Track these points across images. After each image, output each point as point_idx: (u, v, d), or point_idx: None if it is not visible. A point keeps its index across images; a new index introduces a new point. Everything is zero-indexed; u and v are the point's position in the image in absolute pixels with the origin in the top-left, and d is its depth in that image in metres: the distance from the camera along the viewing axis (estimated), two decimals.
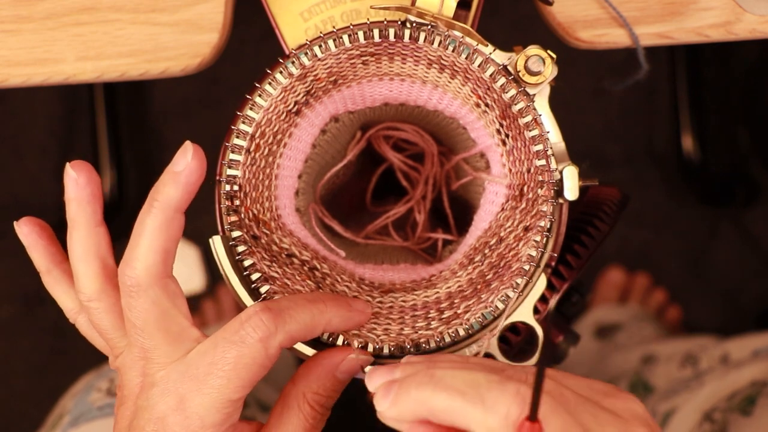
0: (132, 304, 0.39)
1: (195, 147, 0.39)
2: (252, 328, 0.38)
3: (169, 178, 0.39)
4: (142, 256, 0.39)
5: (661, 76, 1.14)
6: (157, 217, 0.39)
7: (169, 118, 1.20)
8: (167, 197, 0.39)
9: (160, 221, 0.39)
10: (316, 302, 0.41)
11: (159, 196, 0.39)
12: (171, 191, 0.39)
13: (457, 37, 0.44)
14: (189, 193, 0.40)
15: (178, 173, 0.39)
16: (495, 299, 0.44)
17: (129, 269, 0.39)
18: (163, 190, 0.39)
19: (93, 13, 0.50)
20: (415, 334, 0.45)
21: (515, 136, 0.45)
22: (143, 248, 0.39)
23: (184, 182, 0.39)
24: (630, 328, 1.07)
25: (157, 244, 0.39)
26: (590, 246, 0.47)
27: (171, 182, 0.39)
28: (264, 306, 0.39)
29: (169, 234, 0.40)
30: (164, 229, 0.39)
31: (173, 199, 0.39)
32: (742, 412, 0.70)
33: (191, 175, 0.39)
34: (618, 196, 0.51)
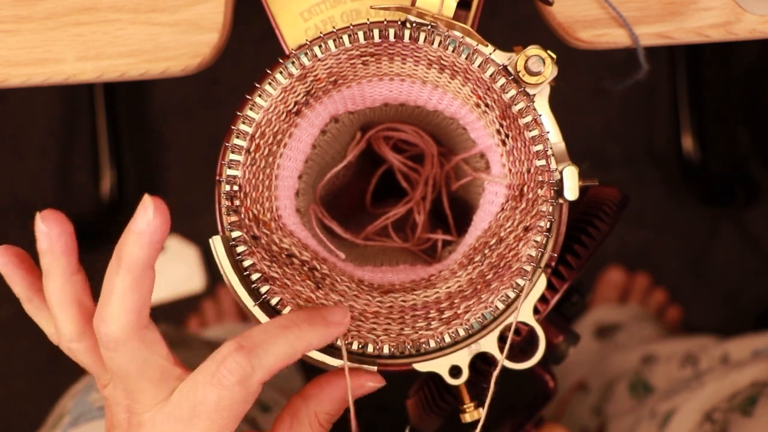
0: (110, 357, 0.39)
1: (156, 202, 0.37)
2: (228, 371, 0.38)
3: (132, 239, 0.37)
4: (116, 316, 0.38)
5: (661, 76, 1.14)
6: (126, 278, 0.38)
7: (169, 118, 1.20)
8: (133, 258, 0.38)
9: (130, 282, 0.38)
10: (291, 328, 0.40)
11: (125, 257, 0.38)
12: (136, 251, 0.37)
13: (457, 38, 0.44)
14: (156, 251, 0.38)
15: (141, 233, 0.37)
16: (495, 299, 0.44)
17: (103, 326, 0.38)
18: (128, 250, 0.38)
19: (93, 13, 0.50)
20: (415, 334, 0.45)
21: (515, 137, 0.45)
22: (116, 308, 0.38)
23: (148, 242, 0.38)
24: (630, 328, 1.07)
25: (129, 304, 0.38)
26: (590, 246, 0.47)
27: (135, 243, 0.37)
28: (237, 345, 0.38)
29: (141, 291, 0.38)
30: (135, 288, 0.38)
31: (139, 259, 0.38)
32: (743, 412, 0.70)
33: (155, 234, 0.37)
34: (618, 196, 0.51)
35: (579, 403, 0.97)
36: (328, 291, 0.46)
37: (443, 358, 0.45)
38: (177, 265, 1.18)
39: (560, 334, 0.51)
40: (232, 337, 0.40)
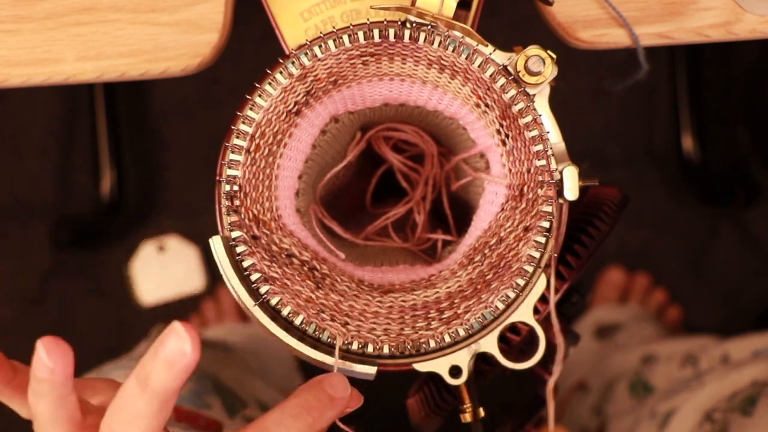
0: None
1: (190, 333, 0.35)
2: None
3: (165, 367, 0.35)
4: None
5: (661, 76, 1.14)
6: (153, 404, 0.36)
7: (169, 118, 1.20)
8: (164, 386, 0.36)
9: (156, 408, 0.36)
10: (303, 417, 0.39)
11: (154, 384, 0.36)
12: (169, 381, 0.35)
13: (457, 38, 0.44)
14: (185, 379, 0.36)
15: (174, 363, 0.35)
16: (495, 299, 0.44)
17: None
18: (160, 378, 0.35)
19: (93, 13, 0.50)
20: (415, 334, 0.45)
21: (515, 137, 0.45)
22: (136, 430, 0.37)
23: (183, 372, 0.35)
24: (630, 328, 1.07)
25: (152, 427, 0.37)
26: (590, 246, 0.47)
27: (168, 371, 0.35)
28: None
29: (164, 415, 0.37)
30: (160, 412, 0.37)
31: (171, 388, 0.36)
32: (743, 412, 0.70)
33: (190, 366, 0.35)
34: (618, 196, 0.51)
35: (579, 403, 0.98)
36: (328, 291, 0.46)
37: (443, 358, 0.45)
38: (177, 265, 1.18)
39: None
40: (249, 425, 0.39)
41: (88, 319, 1.17)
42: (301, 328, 0.44)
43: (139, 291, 1.19)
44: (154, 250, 1.18)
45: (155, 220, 1.19)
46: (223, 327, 1.12)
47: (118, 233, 1.19)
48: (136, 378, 0.36)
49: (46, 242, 1.17)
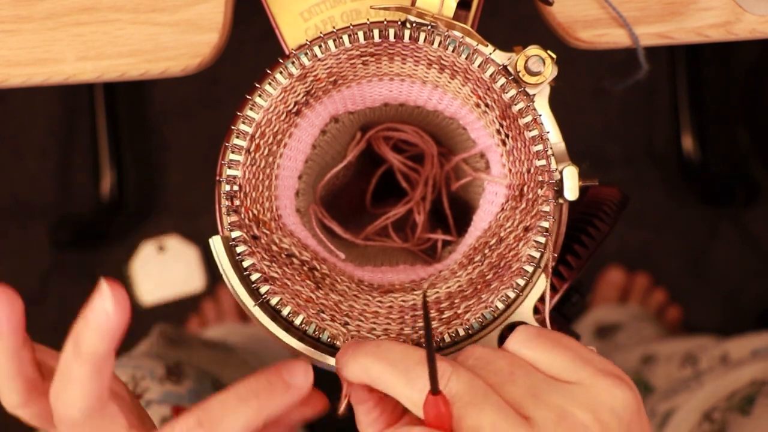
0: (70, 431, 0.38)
1: (114, 291, 0.35)
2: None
3: (91, 329, 0.36)
4: (75, 401, 0.37)
5: (661, 76, 1.14)
6: (85, 367, 0.36)
7: (169, 118, 1.20)
8: (93, 349, 0.36)
9: (89, 371, 0.36)
10: (249, 400, 0.39)
11: (84, 347, 0.36)
12: (96, 343, 0.36)
13: (457, 38, 0.44)
14: (116, 339, 0.36)
15: (100, 324, 0.35)
16: (495, 299, 0.44)
17: (62, 407, 0.37)
18: (88, 341, 0.36)
19: (93, 13, 0.50)
20: (415, 334, 0.45)
21: (515, 137, 0.45)
22: (75, 394, 0.37)
23: (108, 332, 0.36)
24: (630, 328, 1.07)
25: (88, 392, 0.37)
26: (590, 246, 0.47)
27: (95, 334, 0.36)
28: (197, 422, 0.37)
29: (101, 378, 0.37)
30: (94, 376, 0.37)
31: (100, 350, 0.36)
32: (742, 411, 0.70)
33: (114, 326, 0.35)
34: (618, 196, 0.51)
35: None
36: (328, 291, 0.46)
37: None
38: (177, 265, 1.18)
39: None
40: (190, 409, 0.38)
41: None
42: (301, 328, 0.44)
43: (139, 291, 1.19)
44: (154, 250, 1.18)
45: (155, 220, 1.19)
46: (223, 327, 1.12)
47: (118, 233, 1.19)
48: (72, 342, 0.36)
49: (46, 242, 1.18)
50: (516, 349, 0.38)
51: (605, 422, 0.35)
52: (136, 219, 1.19)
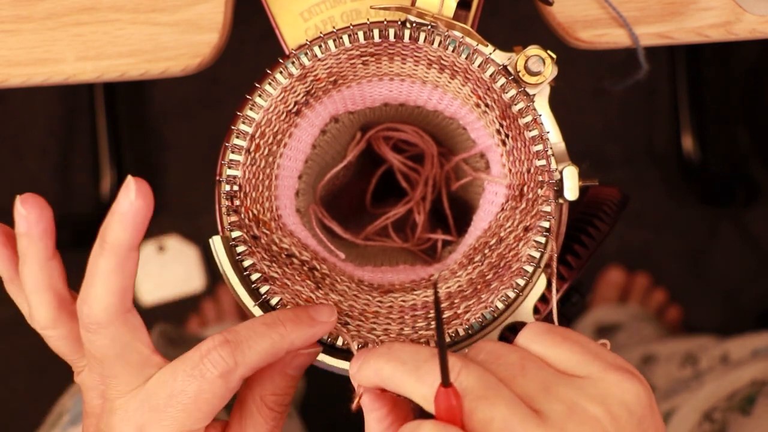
0: (91, 339, 0.39)
1: (138, 183, 0.37)
2: (212, 364, 0.38)
3: (116, 219, 0.37)
4: (100, 297, 0.38)
5: (661, 76, 1.14)
6: (110, 259, 0.38)
7: (169, 118, 1.20)
8: (117, 239, 0.37)
9: (114, 264, 0.38)
10: (276, 326, 0.40)
11: (108, 239, 0.38)
12: (120, 233, 0.37)
13: (457, 38, 0.44)
14: (139, 232, 0.38)
15: (124, 214, 0.37)
16: (495, 299, 0.44)
17: (86, 308, 0.38)
18: (112, 233, 0.38)
19: (93, 13, 0.50)
20: (415, 334, 0.45)
21: (515, 137, 0.45)
22: (99, 289, 0.38)
23: (132, 223, 0.37)
24: (630, 328, 1.07)
25: (113, 286, 0.38)
26: (590, 246, 0.47)
27: (118, 224, 0.37)
28: (223, 339, 0.39)
29: (125, 273, 0.38)
30: (119, 270, 0.38)
31: (124, 241, 0.38)
32: (742, 411, 0.70)
33: (137, 215, 0.37)
34: (618, 196, 0.51)
35: None
36: (328, 291, 0.46)
37: None
38: (177, 265, 1.18)
39: None
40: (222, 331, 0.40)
41: None
42: None
43: (139, 291, 1.19)
44: (154, 250, 1.18)
45: (155, 220, 1.19)
46: (223, 327, 1.12)
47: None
48: (98, 240, 0.38)
49: None
50: (526, 344, 0.38)
51: (616, 415, 0.35)
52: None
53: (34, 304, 0.40)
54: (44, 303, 0.40)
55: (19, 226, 0.39)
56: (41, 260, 0.40)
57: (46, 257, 0.40)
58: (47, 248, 0.40)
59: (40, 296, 0.40)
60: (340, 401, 0.45)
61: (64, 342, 0.41)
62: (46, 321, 0.41)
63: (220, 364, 0.38)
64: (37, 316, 0.41)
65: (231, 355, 0.38)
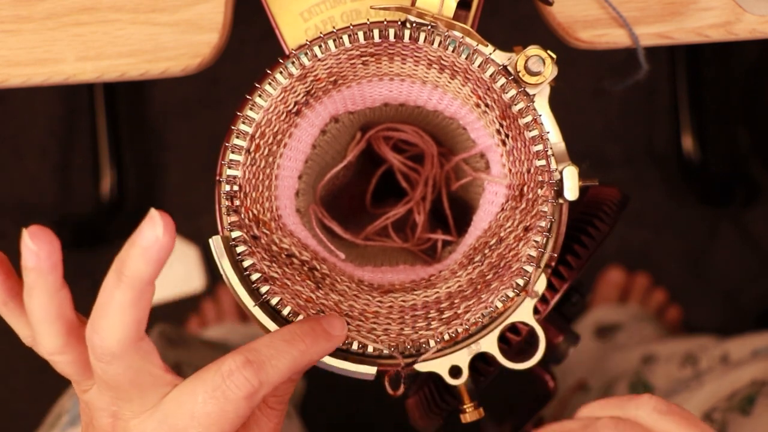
0: (104, 368, 0.38)
1: (164, 219, 0.36)
2: (236, 386, 0.37)
3: (138, 253, 0.36)
4: (114, 329, 0.37)
5: (661, 76, 1.14)
6: (127, 293, 0.37)
7: (169, 118, 1.20)
8: (137, 273, 0.36)
9: (131, 297, 0.37)
10: (296, 342, 0.39)
11: (128, 272, 0.36)
12: (141, 267, 0.36)
13: (457, 38, 0.44)
14: (161, 267, 0.37)
15: (147, 249, 0.36)
16: (495, 299, 0.44)
17: (99, 339, 0.37)
18: (133, 266, 0.36)
19: (93, 13, 0.50)
20: (415, 334, 0.45)
21: (515, 137, 0.45)
22: (114, 321, 0.37)
23: (155, 258, 0.36)
24: (630, 328, 1.07)
25: (128, 319, 0.37)
26: (590, 246, 0.47)
27: (140, 258, 0.36)
28: (245, 360, 0.38)
29: (141, 306, 0.37)
30: (135, 303, 0.37)
31: (145, 275, 0.36)
32: (742, 411, 0.70)
33: (162, 251, 0.36)
34: (618, 196, 0.51)
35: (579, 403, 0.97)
36: (328, 291, 0.46)
37: (443, 358, 0.45)
38: (177, 265, 1.18)
39: (560, 334, 0.51)
40: (237, 349, 0.39)
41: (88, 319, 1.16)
42: None
43: None
44: None
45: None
46: (223, 327, 1.12)
47: (118, 233, 1.19)
48: (114, 270, 0.36)
49: None
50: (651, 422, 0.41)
51: None
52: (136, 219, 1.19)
53: (43, 333, 0.39)
54: (53, 332, 0.39)
55: (27, 260, 0.38)
56: (51, 293, 0.38)
57: (56, 289, 0.38)
58: (57, 281, 0.38)
59: (49, 326, 0.39)
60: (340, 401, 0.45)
61: (72, 366, 0.40)
62: (54, 348, 0.40)
63: (245, 386, 0.37)
64: (45, 344, 0.40)
65: (255, 376, 0.38)
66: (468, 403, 0.46)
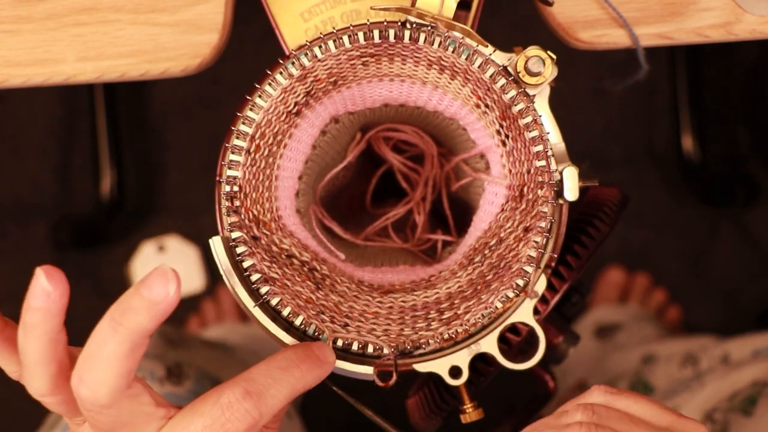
0: (94, 417, 0.37)
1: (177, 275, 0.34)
2: (237, 419, 0.37)
3: (143, 307, 0.34)
4: (104, 382, 0.35)
5: (661, 76, 1.14)
6: (123, 344, 0.35)
7: (169, 118, 1.20)
8: (139, 327, 0.34)
9: (126, 349, 0.35)
10: (291, 369, 0.39)
11: (129, 323, 0.34)
12: (144, 321, 0.34)
13: (457, 38, 0.44)
14: (161, 322, 0.35)
15: (156, 305, 0.34)
16: (495, 300, 0.44)
17: (88, 392, 0.35)
18: (135, 318, 0.34)
19: (93, 14, 0.50)
20: (415, 334, 0.45)
21: (515, 137, 0.45)
22: (105, 374, 0.35)
23: (161, 314, 0.34)
24: (630, 328, 1.07)
25: (121, 371, 0.35)
26: (590, 246, 0.47)
27: (146, 312, 0.34)
28: (244, 391, 0.37)
29: (134, 359, 0.35)
30: (130, 355, 0.35)
31: (146, 329, 0.35)
32: (743, 412, 0.70)
33: (169, 309, 0.34)
34: (618, 196, 0.51)
35: None
36: (328, 291, 0.46)
37: (443, 359, 0.45)
38: (177, 265, 1.18)
39: (560, 335, 0.51)
40: (233, 379, 0.38)
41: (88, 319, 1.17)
42: (301, 329, 0.44)
43: None
44: (154, 250, 1.18)
45: (155, 220, 1.19)
46: (223, 327, 1.12)
47: (118, 233, 1.19)
48: (111, 318, 0.35)
49: (46, 242, 1.17)
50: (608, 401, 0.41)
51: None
52: (136, 219, 1.19)
53: (35, 375, 0.38)
54: (45, 374, 0.38)
55: (36, 299, 0.36)
56: (51, 335, 0.37)
57: (56, 332, 0.37)
58: (60, 324, 0.37)
59: (42, 368, 0.37)
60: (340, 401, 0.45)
61: (63, 406, 0.39)
62: (44, 390, 0.38)
63: (246, 419, 0.37)
64: (35, 385, 0.38)
65: (256, 408, 0.37)
66: (468, 403, 0.46)
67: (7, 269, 1.18)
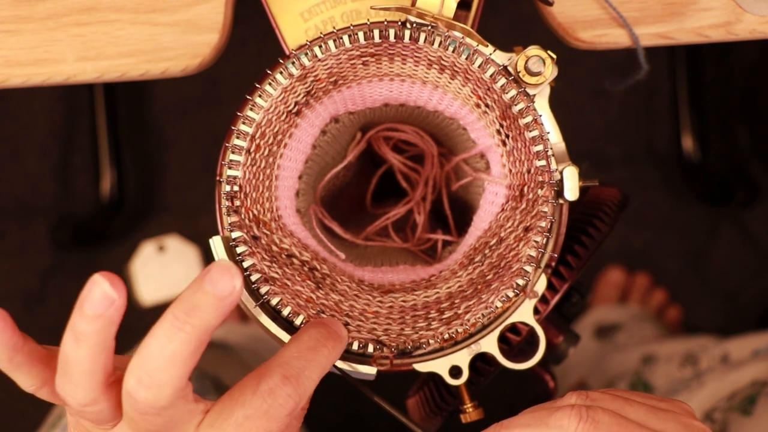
0: (149, 420, 0.36)
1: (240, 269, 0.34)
2: (279, 404, 0.37)
3: (208, 303, 0.34)
4: (170, 382, 0.34)
5: (661, 76, 1.14)
6: (190, 343, 0.34)
7: (169, 118, 1.20)
8: (206, 324, 0.34)
9: (194, 347, 0.34)
10: (320, 349, 0.39)
11: (196, 320, 0.34)
12: (211, 318, 0.34)
13: (457, 38, 0.44)
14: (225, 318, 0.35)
15: (223, 300, 0.34)
16: (495, 299, 0.44)
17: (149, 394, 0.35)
18: (201, 315, 0.34)
19: (93, 14, 0.50)
20: (415, 334, 0.45)
21: (515, 137, 0.45)
22: (170, 374, 0.34)
23: (228, 307, 0.34)
24: (630, 328, 1.07)
25: (185, 370, 0.35)
26: (590, 246, 0.47)
27: (212, 309, 0.34)
28: (283, 377, 0.37)
29: (198, 356, 0.35)
30: (195, 353, 0.34)
31: (212, 327, 0.34)
32: (743, 411, 0.70)
33: (235, 303, 0.34)
34: (618, 196, 0.51)
35: None
36: (329, 291, 0.46)
37: (443, 358, 0.45)
38: (177, 265, 1.18)
39: (560, 334, 0.51)
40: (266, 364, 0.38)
41: None
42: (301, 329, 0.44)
43: (139, 291, 1.19)
44: (154, 250, 1.18)
45: (155, 220, 1.19)
46: (223, 327, 1.12)
47: (118, 233, 1.19)
48: (173, 317, 0.34)
49: (46, 242, 1.18)
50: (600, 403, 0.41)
51: None
52: (136, 219, 1.19)
53: (82, 385, 0.36)
54: (93, 384, 0.36)
55: (96, 306, 0.34)
56: (106, 344, 0.35)
57: (112, 339, 0.36)
58: (116, 328, 0.35)
59: (90, 378, 0.36)
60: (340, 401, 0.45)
61: (100, 414, 0.38)
62: (88, 400, 0.37)
63: (288, 404, 0.37)
64: (80, 396, 0.37)
65: (296, 392, 0.37)
66: (468, 403, 0.46)
67: (7, 269, 1.18)
